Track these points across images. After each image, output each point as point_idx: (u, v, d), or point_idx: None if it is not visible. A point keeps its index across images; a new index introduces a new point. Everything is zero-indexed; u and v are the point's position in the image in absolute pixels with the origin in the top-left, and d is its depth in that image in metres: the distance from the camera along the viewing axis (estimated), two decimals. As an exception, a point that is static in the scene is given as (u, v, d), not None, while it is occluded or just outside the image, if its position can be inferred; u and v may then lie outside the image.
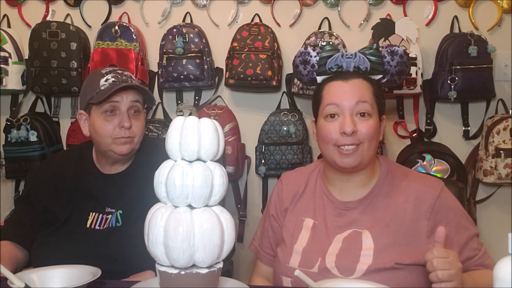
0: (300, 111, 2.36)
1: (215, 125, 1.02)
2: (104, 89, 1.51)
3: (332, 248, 1.36)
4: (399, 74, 1.44)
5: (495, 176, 2.14)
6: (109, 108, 1.53)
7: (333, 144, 1.37)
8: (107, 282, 1.32)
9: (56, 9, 2.53)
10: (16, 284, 1.12)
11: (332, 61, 1.42)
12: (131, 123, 1.55)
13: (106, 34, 2.36)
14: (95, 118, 1.55)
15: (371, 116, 1.36)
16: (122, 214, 1.56)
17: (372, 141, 1.37)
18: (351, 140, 1.34)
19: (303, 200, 1.49)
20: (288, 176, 1.59)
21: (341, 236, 1.37)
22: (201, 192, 0.98)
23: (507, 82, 2.30)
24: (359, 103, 1.35)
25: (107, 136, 1.54)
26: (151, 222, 1.00)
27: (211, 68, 2.36)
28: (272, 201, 1.56)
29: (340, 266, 1.32)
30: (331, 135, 1.36)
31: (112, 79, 1.53)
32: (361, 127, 1.35)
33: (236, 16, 2.43)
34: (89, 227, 1.56)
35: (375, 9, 2.36)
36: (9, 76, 2.41)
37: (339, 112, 1.36)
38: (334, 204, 1.43)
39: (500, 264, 0.84)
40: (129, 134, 1.55)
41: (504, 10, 2.29)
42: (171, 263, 0.99)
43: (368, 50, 1.42)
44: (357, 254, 1.32)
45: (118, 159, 1.61)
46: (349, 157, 1.35)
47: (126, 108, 1.55)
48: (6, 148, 2.38)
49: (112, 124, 1.54)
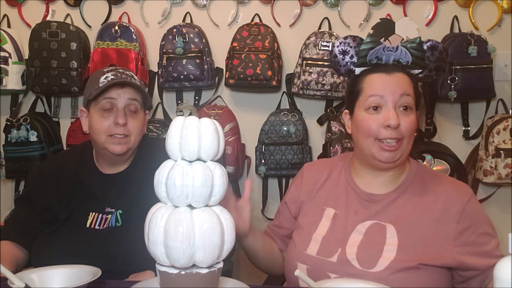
0: (300, 111, 2.36)
1: (215, 125, 1.02)
2: (102, 85, 1.52)
3: (353, 239, 1.34)
4: (436, 70, 1.43)
5: (495, 176, 2.14)
6: (106, 104, 1.53)
7: (374, 137, 1.34)
8: (107, 282, 1.32)
9: (56, 9, 2.53)
10: (16, 284, 1.12)
11: (373, 53, 1.40)
12: (127, 121, 1.54)
13: (106, 34, 2.36)
14: (93, 115, 1.56)
15: (412, 110, 1.35)
16: (122, 214, 1.55)
17: (411, 137, 1.35)
18: (394, 134, 1.32)
19: (325, 189, 1.48)
20: (310, 166, 1.58)
21: (362, 227, 1.35)
22: (201, 192, 0.98)
23: (507, 82, 2.30)
24: (403, 96, 1.33)
25: (101, 132, 1.54)
26: (151, 222, 1.00)
27: (211, 68, 2.36)
28: (291, 189, 1.57)
29: (361, 258, 1.30)
30: (373, 128, 1.33)
31: (111, 77, 1.54)
32: (403, 122, 1.32)
33: (236, 16, 2.43)
34: (89, 227, 1.56)
35: (375, 9, 2.36)
36: (9, 76, 2.41)
37: (383, 104, 1.33)
38: (359, 195, 1.41)
39: (500, 264, 0.84)
40: (124, 132, 1.54)
41: (504, 10, 2.29)
42: (171, 263, 0.99)
43: (410, 43, 1.40)
44: (380, 248, 1.30)
45: (116, 159, 1.60)
46: (391, 152, 1.33)
47: (123, 106, 1.55)
48: (6, 148, 2.38)
49: (107, 121, 1.54)
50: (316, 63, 2.25)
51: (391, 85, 1.34)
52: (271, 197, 2.42)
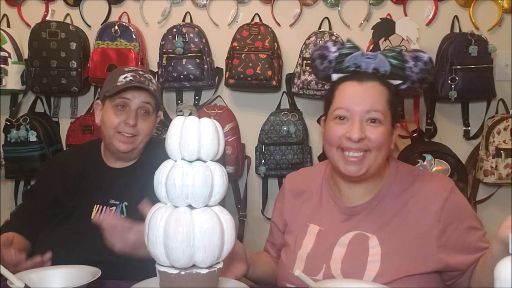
0: (300, 111, 2.36)
1: (215, 125, 1.02)
2: (120, 84, 1.59)
3: (337, 253, 1.31)
4: (420, 82, 1.34)
5: (496, 176, 2.14)
6: (120, 103, 1.60)
7: (337, 146, 1.30)
8: (107, 282, 1.32)
9: (56, 9, 2.53)
10: (16, 284, 1.11)
11: (351, 60, 1.32)
12: (137, 122, 1.61)
13: (106, 34, 2.36)
14: (106, 110, 1.63)
15: (382, 123, 1.29)
16: (128, 206, 1.59)
17: (381, 150, 1.29)
18: (358, 145, 1.27)
19: (308, 205, 1.45)
20: (291, 178, 1.55)
21: (345, 239, 1.32)
22: (201, 192, 0.98)
23: (507, 82, 2.30)
24: (370, 112, 1.28)
25: (111, 127, 1.61)
26: (151, 222, 0.99)
27: (211, 68, 2.36)
28: (275, 207, 1.55)
29: (346, 273, 1.27)
30: (336, 137, 1.29)
31: (130, 77, 1.60)
32: (370, 134, 1.27)
33: (236, 16, 2.43)
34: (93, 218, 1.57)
35: (375, 9, 2.36)
36: (9, 76, 2.40)
37: (349, 116, 1.29)
38: (342, 210, 1.38)
39: (500, 264, 0.84)
40: (133, 132, 1.61)
41: (504, 10, 2.29)
42: (171, 263, 0.99)
43: (390, 52, 1.32)
44: (364, 259, 1.27)
45: (122, 155, 1.66)
46: (354, 165, 1.29)
47: (136, 107, 1.61)
48: (5, 148, 2.37)
49: (119, 118, 1.61)
50: (316, 63, 2.24)
51: (360, 96, 1.29)
52: (271, 197, 2.42)
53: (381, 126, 1.29)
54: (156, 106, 1.68)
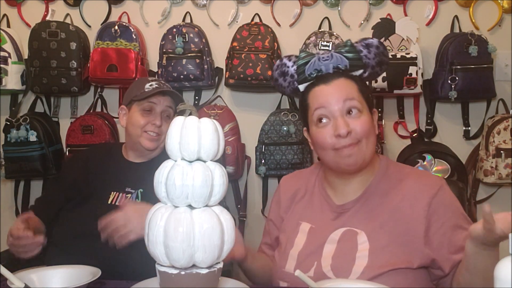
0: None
1: (215, 125, 1.02)
2: (148, 91, 1.78)
3: (327, 250, 1.34)
4: (379, 65, 1.40)
5: (496, 176, 2.14)
6: (147, 107, 1.79)
7: (332, 148, 1.33)
8: (107, 282, 1.32)
9: (56, 9, 2.53)
10: (16, 284, 1.11)
11: (310, 67, 1.37)
12: (162, 123, 1.79)
13: (106, 34, 2.36)
14: (134, 113, 1.80)
15: (361, 112, 1.33)
16: (143, 193, 1.71)
17: (370, 137, 1.34)
18: (348, 140, 1.31)
19: (301, 204, 1.48)
20: (286, 180, 1.58)
21: (335, 236, 1.35)
22: (201, 192, 0.98)
23: (507, 82, 2.30)
24: (346, 101, 1.32)
25: (139, 127, 1.78)
26: (151, 222, 0.99)
27: (211, 68, 2.36)
28: (272, 206, 1.57)
29: (336, 269, 1.29)
30: (327, 140, 1.33)
31: (156, 85, 1.81)
32: (355, 126, 1.31)
33: (236, 16, 2.43)
34: (110, 203, 1.71)
35: (375, 9, 2.36)
36: (9, 76, 2.40)
37: (329, 115, 1.33)
38: (332, 207, 1.41)
39: (500, 264, 0.84)
40: (158, 131, 1.79)
41: (504, 10, 2.29)
42: (171, 263, 0.98)
43: (343, 48, 1.37)
44: (353, 255, 1.29)
45: (146, 152, 1.81)
46: (351, 157, 1.32)
47: (161, 110, 1.80)
48: (5, 148, 2.37)
49: (146, 120, 1.78)
50: (316, 63, 2.24)
51: (332, 93, 1.33)
52: (271, 197, 2.40)
53: (362, 115, 1.33)
54: (175, 111, 1.85)
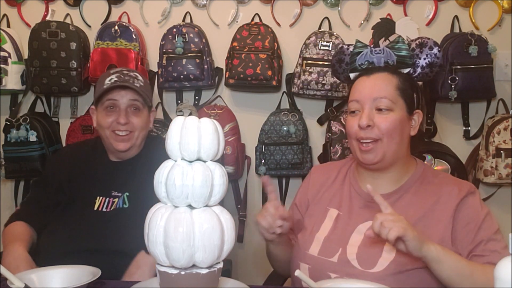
0: (300, 111, 2.36)
1: (215, 125, 1.02)
2: (106, 87, 1.65)
3: (354, 239, 1.35)
4: (430, 67, 1.45)
5: (496, 176, 2.14)
6: (109, 104, 1.68)
7: (355, 138, 1.38)
8: (107, 282, 1.32)
9: (56, 9, 2.53)
10: (16, 284, 1.11)
11: (362, 58, 1.44)
12: (128, 120, 1.68)
13: (106, 34, 2.36)
14: (99, 113, 1.71)
15: (392, 110, 1.35)
16: (129, 196, 1.64)
17: (393, 137, 1.35)
18: (369, 134, 1.34)
19: (330, 190, 1.50)
20: (318, 168, 1.62)
21: (363, 227, 1.36)
22: (201, 192, 0.98)
23: (507, 82, 2.30)
24: (376, 100, 1.36)
25: (106, 128, 1.69)
26: (151, 222, 0.99)
27: (211, 68, 2.36)
28: (300, 190, 1.59)
29: (361, 258, 1.30)
30: (352, 129, 1.38)
31: (115, 79, 1.67)
32: (378, 122, 1.34)
33: (236, 16, 2.43)
34: (96, 209, 1.64)
35: (375, 9, 2.36)
36: (9, 76, 2.40)
37: (359, 108, 1.38)
38: (362, 196, 1.42)
39: (500, 264, 0.84)
40: (127, 129, 1.68)
41: (504, 10, 2.29)
42: (171, 263, 0.99)
43: (395, 44, 1.44)
44: (380, 248, 1.30)
45: (122, 154, 1.73)
46: (369, 153, 1.36)
47: (125, 106, 1.68)
48: (5, 148, 2.37)
49: (110, 118, 1.68)
50: (316, 63, 2.24)
51: (367, 87, 1.38)
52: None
53: (391, 113, 1.35)
54: (145, 101, 1.72)
